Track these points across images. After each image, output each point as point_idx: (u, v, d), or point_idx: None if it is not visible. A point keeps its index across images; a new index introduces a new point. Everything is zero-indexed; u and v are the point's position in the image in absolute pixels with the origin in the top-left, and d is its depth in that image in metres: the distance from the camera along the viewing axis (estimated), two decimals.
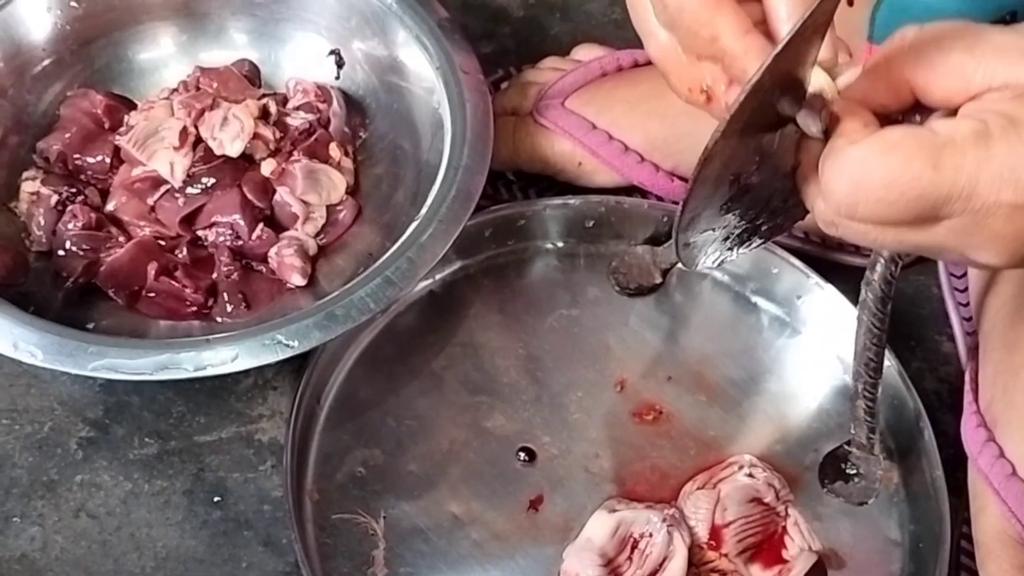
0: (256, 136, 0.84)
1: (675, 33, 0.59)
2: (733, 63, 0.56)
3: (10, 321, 0.72)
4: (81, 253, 0.80)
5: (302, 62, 0.91)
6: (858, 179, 0.50)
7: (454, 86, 0.83)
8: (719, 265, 0.66)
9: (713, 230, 0.59)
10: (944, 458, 0.78)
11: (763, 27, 0.57)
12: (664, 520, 0.74)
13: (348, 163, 0.87)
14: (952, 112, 0.52)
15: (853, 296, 0.74)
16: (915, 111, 0.54)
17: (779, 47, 0.50)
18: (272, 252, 0.82)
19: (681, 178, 0.87)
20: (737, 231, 0.61)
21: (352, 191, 0.87)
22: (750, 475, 0.78)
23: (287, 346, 0.72)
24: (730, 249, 0.64)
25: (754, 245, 0.65)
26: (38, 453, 0.78)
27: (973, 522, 0.77)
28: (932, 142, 0.49)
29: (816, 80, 0.54)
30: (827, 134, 0.53)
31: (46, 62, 0.87)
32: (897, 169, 0.49)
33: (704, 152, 0.53)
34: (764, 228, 0.63)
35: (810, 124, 0.53)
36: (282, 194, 0.83)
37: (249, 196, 0.82)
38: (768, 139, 0.56)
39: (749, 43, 0.56)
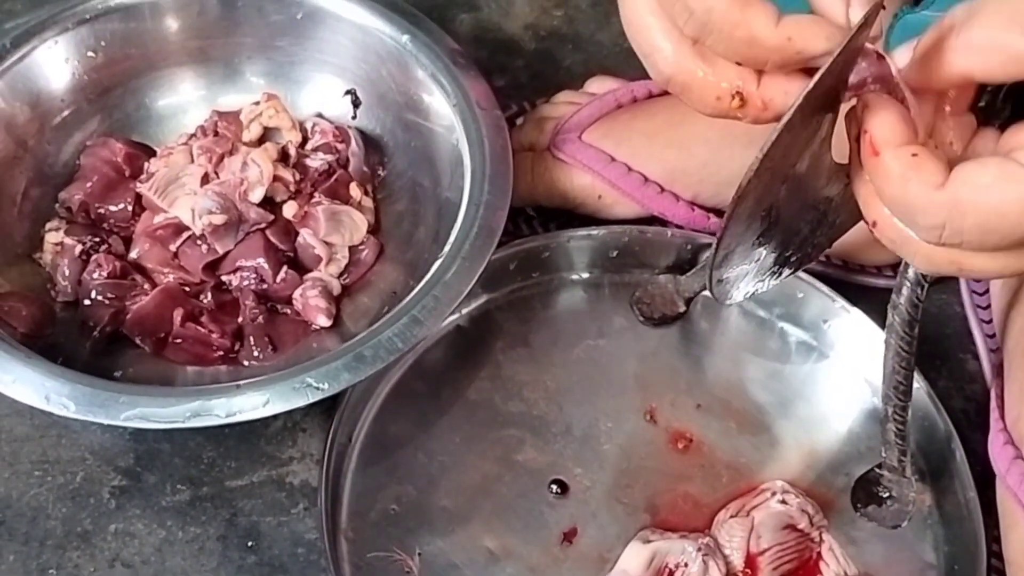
0: (276, 179, 0.84)
1: (706, 39, 0.55)
2: (785, 49, 0.53)
3: (41, 373, 0.72)
4: (107, 302, 0.81)
5: (319, 103, 0.91)
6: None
7: (472, 122, 0.84)
8: (750, 297, 0.66)
9: (746, 264, 0.60)
10: (973, 476, 0.78)
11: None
12: (699, 549, 0.74)
13: (368, 202, 0.87)
14: None
15: (879, 318, 0.74)
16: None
17: (812, 83, 0.50)
18: (296, 294, 0.82)
19: (701, 207, 0.87)
20: (768, 263, 0.62)
21: (373, 230, 0.87)
22: (783, 501, 0.78)
23: (317, 389, 0.72)
24: (761, 281, 0.64)
25: (783, 276, 0.65)
26: (71, 504, 0.78)
27: (1003, 540, 0.77)
28: None
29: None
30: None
31: (66, 112, 0.87)
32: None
33: (738, 191, 0.53)
34: (793, 259, 0.63)
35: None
36: (305, 236, 0.84)
37: (272, 239, 0.83)
38: (799, 169, 0.56)
39: (786, 28, 0.53)
